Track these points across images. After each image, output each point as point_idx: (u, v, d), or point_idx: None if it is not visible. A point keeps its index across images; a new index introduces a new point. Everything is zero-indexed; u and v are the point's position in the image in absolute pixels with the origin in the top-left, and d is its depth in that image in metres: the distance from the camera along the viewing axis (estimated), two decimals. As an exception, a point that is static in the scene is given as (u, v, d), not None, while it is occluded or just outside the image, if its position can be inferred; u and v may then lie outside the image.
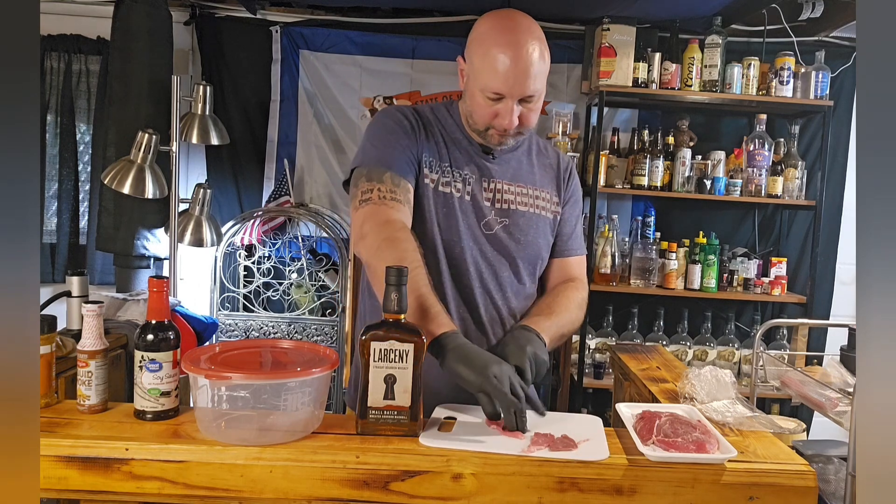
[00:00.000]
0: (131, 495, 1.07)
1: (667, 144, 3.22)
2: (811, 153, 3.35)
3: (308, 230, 3.35)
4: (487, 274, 1.46)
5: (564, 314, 1.45)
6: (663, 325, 3.19)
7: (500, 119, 1.38)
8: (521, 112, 1.38)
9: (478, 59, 1.36)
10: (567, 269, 1.57)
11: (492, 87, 1.34)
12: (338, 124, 3.43)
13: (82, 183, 3.35)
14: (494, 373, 1.14)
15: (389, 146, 1.42)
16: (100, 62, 3.27)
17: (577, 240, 1.60)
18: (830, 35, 3.24)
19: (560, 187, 1.57)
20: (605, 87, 3.05)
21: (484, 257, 1.45)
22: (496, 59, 1.32)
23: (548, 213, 1.53)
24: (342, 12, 3.37)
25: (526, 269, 1.50)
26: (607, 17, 3.05)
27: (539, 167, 1.56)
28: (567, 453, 1.10)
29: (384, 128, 1.46)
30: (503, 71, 1.32)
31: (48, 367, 1.21)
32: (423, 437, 1.13)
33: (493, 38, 1.34)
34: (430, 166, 1.44)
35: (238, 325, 3.23)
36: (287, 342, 1.32)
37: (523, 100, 1.36)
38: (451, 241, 1.43)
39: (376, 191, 1.37)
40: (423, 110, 1.51)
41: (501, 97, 1.35)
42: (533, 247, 1.50)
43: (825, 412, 1.38)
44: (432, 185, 1.43)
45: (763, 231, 3.47)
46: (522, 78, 1.33)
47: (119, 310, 2.15)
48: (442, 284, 1.42)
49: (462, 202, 1.44)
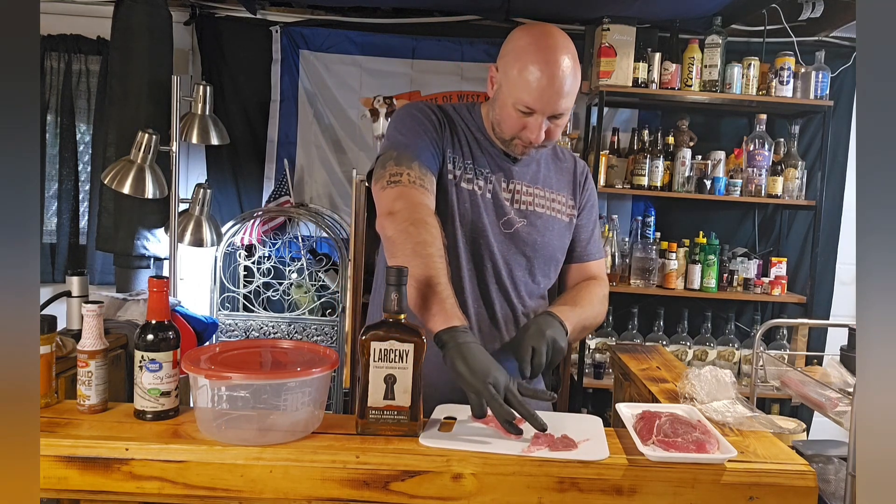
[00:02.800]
0: (131, 495, 1.07)
1: (667, 144, 3.22)
2: (811, 153, 3.35)
3: (308, 230, 3.35)
4: (504, 271, 1.48)
5: (588, 307, 1.48)
6: (663, 325, 3.19)
7: (527, 132, 1.40)
8: (549, 128, 1.40)
9: (514, 72, 1.37)
10: (587, 272, 1.60)
11: (525, 101, 1.36)
12: (338, 124, 3.43)
13: (82, 183, 3.35)
14: (492, 380, 1.13)
15: (417, 137, 1.43)
16: (100, 62, 3.26)
17: (596, 244, 1.62)
18: (830, 35, 3.24)
19: (576, 192, 1.59)
20: (605, 87, 3.05)
21: (502, 255, 1.47)
22: (532, 75, 1.34)
23: (564, 216, 1.55)
24: (342, 12, 3.37)
25: (541, 270, 1.52)
26: (607, 17, 3.05)
27: (556, 171, 1.58)
28: (567, 453, 1.10)
29: (412, 118, 1.47)
30: (538, 88, 1.34)
31: (48, 367, 1.21)
32: (423, 438, 1.13)
33: (532, 55, 1.36)
34: (453, 162, 1.46)
35: (238, 325, 3.23)
36: (287, 342, 1.32)
37: (553, 116, 1.39)
38: (473, 237, 1.45)
39: (406, 174, 1.37)
40: (446, 108, 1.53)
41: (532, 112, 1.37)
42: (549, 248, 1.52)
43: (825, 412, 1.38)
44: (454, 181, 1.45)
45: (763, 231, 3.47)
46: (556, 97, 1.35)
47: (119, 310, 2.15)
48: (461, 279, 1.43)
49: (484, 199, 1.46)
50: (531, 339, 1.29)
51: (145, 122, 2.85)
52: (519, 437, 1.14)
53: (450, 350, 1.18)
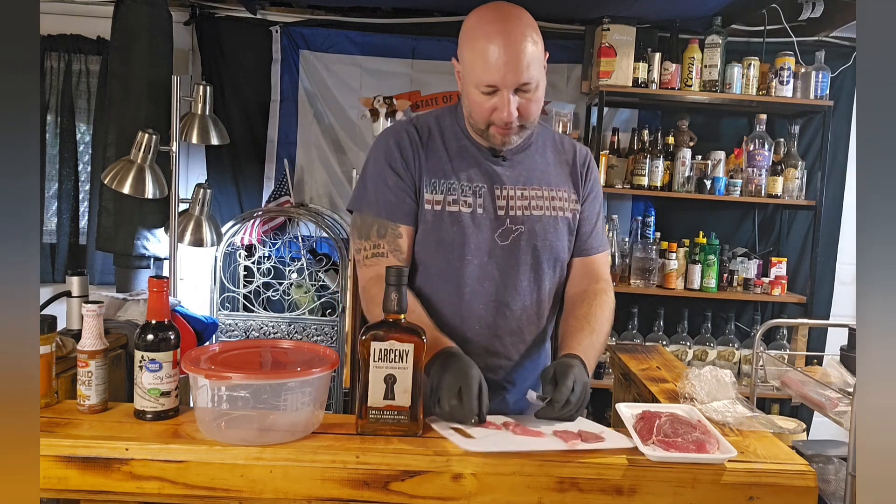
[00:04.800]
0: (131, 495, 1.07)
1: (667, 144, 3.22)
2: (811, 153, 3.35)
3: (308, 230, 3.35)
4: (503, 286, 1.44)
5: (601, 334, 1.41)
6: (663, 325, 3.19)
7: (498, 113, 1.33)
8: (520, 103, 1.33)
9: (468, 53, 1.34)
10: (591, 269, 1.52)
11: (485, 79, 1.31)
12: (338, 124, 3.43)
13: (82, 183, 3.35)
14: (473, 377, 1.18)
15: (378, 188, 1.43)
16: (100, 62, 3.26)
17: (599, 237, 1.54)
18: (830, 35, 3.23)
19: (578, 183, 1.52)
20: (605, 87, 3.05)
21: (500, 269, 1.43)
22: (486, 51, 1.29)
23: (566, 212, 1.48)
24: (342, 12, 3.37)
25: (547, 274, 1.47)
26: (607, 17, 3.05)
27: (555, 164, 1.50)
28: (600, 444, 1.13)
29: (375, 165, 1.45)
30: (493, 61, 1.29)
31: (48, 367, 1.21)
32: (468, 444, 1.12)
33: (480, 30, 1.32)
34: (433, 188, 1.42)
35: (238, 325, 3.23)
36: (287, 342, 1.32)
37: (520, 90, 1.32)
38: (464, 260, 1.41)
39: (363, 251, 1.44)
40: (423, 125, 1.47)
41: (496, 89, 1.31)
42: (552, 250, 1.47)
43: (825, 412, 1.38)
44: (438, 208, 1.41)
45: (763, 231, 3.47)
46: (514, 65, 1.28)
47: (119, 310, 2.15)
48: (460, 303, 1.42)
49: (474, 217, 1.41)
50: (566, 388, 1.22)
51: (145, 122, 2.85)
52: (543, 434, 1.16)
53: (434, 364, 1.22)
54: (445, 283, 1.41)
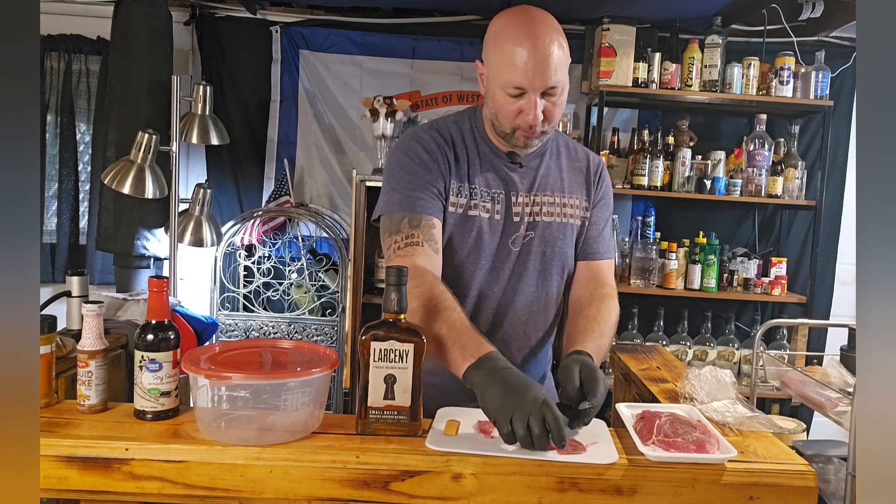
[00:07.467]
0: (131, 495, 1.07)
1: (667, 144, 3.22)
2: (811, 153, 3.35)
3: (308, 230, 3.35)
4: (512, 291, 1.45)
5: (608, 336, 1.40)
6: (663, 325, 3.19)
7: (524, 115, 1.33)
8: (545, 107, 1.34)
9: (495, 56, 1.34)
10: (596, 273, 1.52)
11: (512, 81, 1.31)
12: (338, 124, 3.43)
13: (82, 183, 3.35)
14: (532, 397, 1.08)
15: (407, 186, 1.39)
16: (100, 62, 3.27)
17: (605, 242, 1.54)
18: (830, 35, 3.24)
19: (590, 190, 1.53)
20: (605, 87, 3.05)
21: (510, 274, 1.45)
22: (514, 53, 1.30)
23: (576, 219, 1.50)
24: (342, 12, 3.37)
25: (554, 280, 1.49)
26: (607, 17, 3.05)
27: (568, 171, 1.51)
28: (576, 456, 1.09)
29: (401, 166, 1.42)
30: (522, 64, 1.29)
31: (48, 367, 1.21)
32: (430, 441, 1.11)
33: (508, 33, 1.32)
34: (458, 192, 1.42)
35: (238, 325, 3.23)
36: (287, 342, 1.32)
37: (546, 93, 1.32)
38: (478, 265, 1.42)
39: (394, 244, 1.37)
40: (444, 129, 1.47)
41: (523, 92, 1.32)
42: (561, 256, 1.48)
43: (825, 412, 1.38)
44: (460, 211, 1.42)
45: (763, 231, 3.47)
46: (542, 68, 1.29)
47: (119, 310, 2.15)
48: (468, 306, 1.42)
49: (491, 222, 1.43)
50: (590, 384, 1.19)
51: (145, 122, 2.85)
52: None
53: (480, 373, 1.13)
54: (455, 286, 1.41)
